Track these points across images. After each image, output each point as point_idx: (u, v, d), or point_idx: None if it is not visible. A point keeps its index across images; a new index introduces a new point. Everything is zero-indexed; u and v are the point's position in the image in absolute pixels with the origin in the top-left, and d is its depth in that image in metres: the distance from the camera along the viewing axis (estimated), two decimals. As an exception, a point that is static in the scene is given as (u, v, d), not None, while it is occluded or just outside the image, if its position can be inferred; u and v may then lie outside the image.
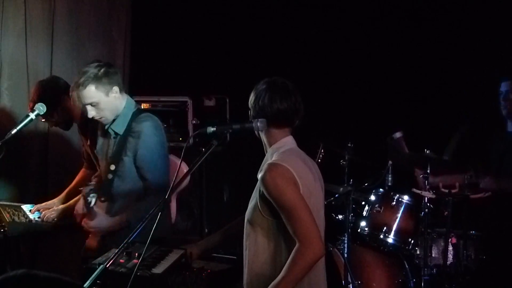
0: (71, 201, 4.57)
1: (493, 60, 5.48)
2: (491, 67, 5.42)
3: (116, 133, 4.03)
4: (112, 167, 4.00)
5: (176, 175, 3.00)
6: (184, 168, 3.99)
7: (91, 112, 3.91)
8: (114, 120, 4.01)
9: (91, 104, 3.89)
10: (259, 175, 3.01)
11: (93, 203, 3.77)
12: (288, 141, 3.12)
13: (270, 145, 3.12)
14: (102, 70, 3.90)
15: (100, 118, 3.97)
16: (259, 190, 3.00)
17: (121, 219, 3.90)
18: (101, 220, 3.89)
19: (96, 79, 3.86)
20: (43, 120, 4.45)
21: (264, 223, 3.01)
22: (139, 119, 4.01)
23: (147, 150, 3.95)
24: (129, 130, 3.99)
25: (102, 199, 3.98)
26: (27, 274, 1.87)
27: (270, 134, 3.12)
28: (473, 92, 5.44)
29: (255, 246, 3.04)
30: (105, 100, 3.90)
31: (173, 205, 4.75)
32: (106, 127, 4.04)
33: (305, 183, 2.99)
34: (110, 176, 4.01)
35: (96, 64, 3.95)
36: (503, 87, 4.92)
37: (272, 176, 2.93)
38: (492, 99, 4.98)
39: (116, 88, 3.93)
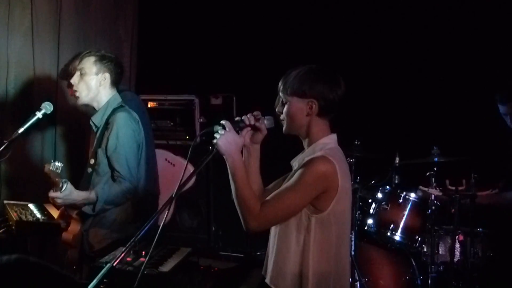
0: None
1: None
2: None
3: (96, 126, 4.14)
4: (92, 161, 4.09)
5: (183, 174, 2.99)
6: (191, 167, 3.98)
7: (75, 78, 4.12)
8: (96, 112, 4.15)
9: (80, 70, 4.10)
10: (298, 166, 2.95)
11: (60, 169, 3.74)
12: (334, 139, 3.05)
13: (317, 138, 3.01)
14: (111, 57, 4.19)
15: (75, 92, 4.13)
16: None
17: (90, 195, 3.93)
18: (70, 190, 3.86)
19: (100, 56, 4.15)
20: None
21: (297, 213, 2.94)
22: (115, 111, 4.10)
23: (117, 139, 3.99)
24: (106, 123, 4.09)
25: None
26: (19, 258, 1.90)
27: (317, 125, 3.02)
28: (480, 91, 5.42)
29: (284, 237, 2.98)
30: (92, 76, 4.11)
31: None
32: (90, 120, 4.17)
33: (344, 185, 2.93)
34: (89, 170, 4.11)
35: (111, 53, 4.29)
36: (502, 110, 4.84)
37: (319, 166, 2.85)
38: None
39: (107, 75, 4.13)
